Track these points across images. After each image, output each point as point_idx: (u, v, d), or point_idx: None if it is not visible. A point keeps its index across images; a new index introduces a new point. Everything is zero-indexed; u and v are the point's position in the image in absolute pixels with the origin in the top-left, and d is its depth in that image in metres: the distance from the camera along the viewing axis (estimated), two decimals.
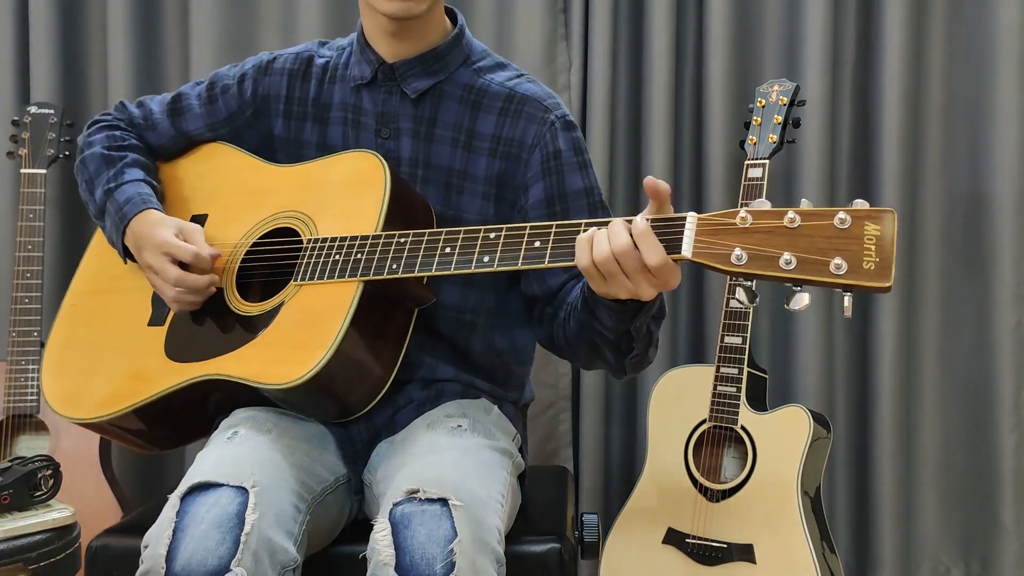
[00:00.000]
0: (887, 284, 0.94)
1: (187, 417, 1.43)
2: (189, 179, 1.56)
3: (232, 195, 1.49)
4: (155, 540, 1.12)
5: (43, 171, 2.15)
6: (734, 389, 1.88)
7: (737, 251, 1.00)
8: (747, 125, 1.98)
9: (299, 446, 1.30)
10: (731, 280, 1.89)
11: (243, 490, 1.13)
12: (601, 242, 1.09)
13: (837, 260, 0.96)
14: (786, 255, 0.98)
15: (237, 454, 1.22)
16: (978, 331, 2.23)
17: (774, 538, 1.80)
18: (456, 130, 1.42)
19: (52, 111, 2.19)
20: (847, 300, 0.99)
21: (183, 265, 1.37)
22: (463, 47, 1.44)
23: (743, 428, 1.87)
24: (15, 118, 2.19)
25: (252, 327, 1.32)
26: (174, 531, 1.10)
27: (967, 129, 2.23)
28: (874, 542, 2.21)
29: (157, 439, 1.48)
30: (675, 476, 1.91)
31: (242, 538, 1.09)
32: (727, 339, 1.90)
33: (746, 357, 1.88)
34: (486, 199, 1.41)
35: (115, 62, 2.26)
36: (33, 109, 2.18)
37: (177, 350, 1.38)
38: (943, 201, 2.25)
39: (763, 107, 1.96)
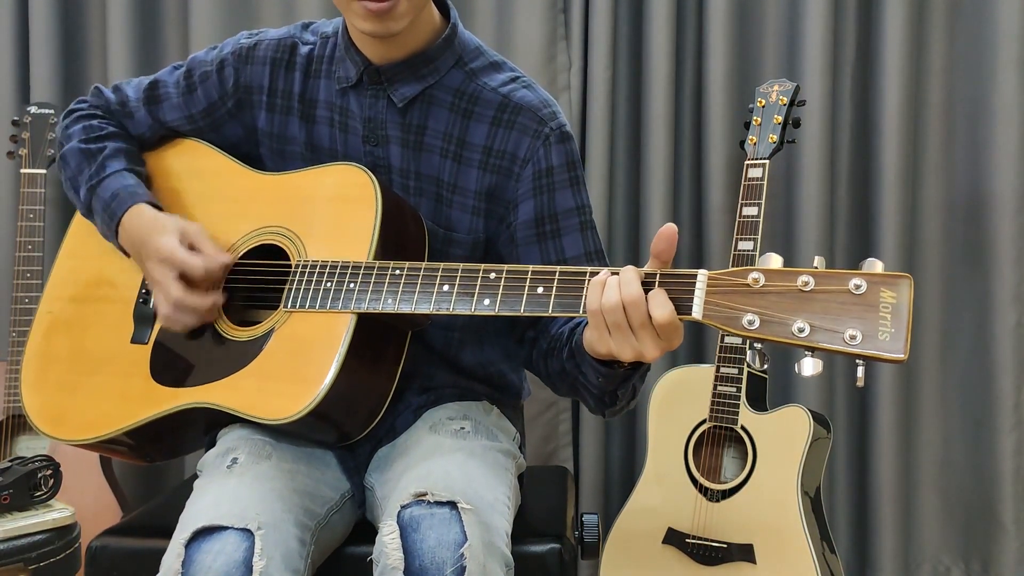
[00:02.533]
0: (901, 357, 0.91)
1: (177, 437, 1.41)
2: (168, 179, 1.49)
3: (214, 203, 1.42)
4: None
5: (43, 171, 2.15)
6: (734, 389, 1.88)
7: (749, 316, 0.97)
8: (747, 125, 1.98)
9: (300, 469, 1.27)
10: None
11: (248, 533, 1.09)
12: (611, 288, 1.05)
13: (851, 330, 0.93)
14: (799, 322, 0.95)
15: (238, 489, 1.17)
16: (978, 331, 2.24)
17: (774, 538, 1.80)
18: (446, 139, 1.35)
19: (52, 111, 2.19)
20: (860, 371, 0.95)
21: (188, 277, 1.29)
22: (455, 47, 1.36)
23: (743, 428, 1.87)
24: (15, 118, 2.19)
25: (242, 354, 1.27)
26: None
27: (967, 129, 2.23)
28: (874, 542, 2.21)
29: (147, 455, 1.46)
30: (675, 476, 1.91)
31: None
32: (727, 339, 1.90)
33: (746, 357, 1.88)
34: (476, 214, 1.36)
35: (115, 62, 2.26)
36: (33, 109, 2.18)
37: (164, 373, 1.33)
38: (943, 201, 2.25)
39: (763, 107, 1.96)
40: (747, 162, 1.94)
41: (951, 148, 2.25)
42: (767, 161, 1.92)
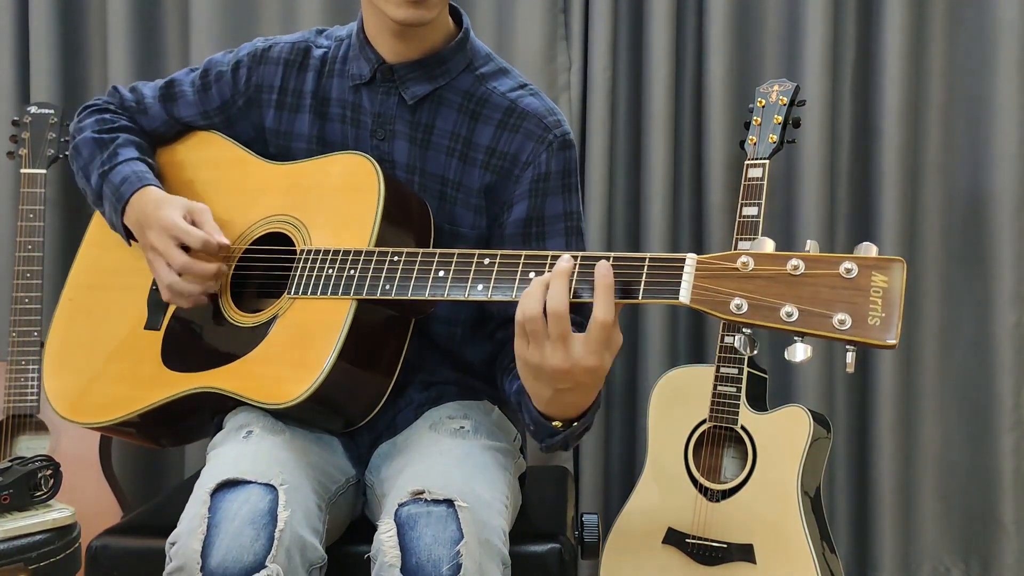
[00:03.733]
0: (892, 342, 0.89)
1: (186, 421, 1.43)
2: (182, 169, 1.52)
3: (225, 192, 1.46)
4: (187, 536, 1.10)
5: (43, 171, 2.15)
6: (734, 389, 1.88)
7: (737, 300, 0.96)
8: (747, 125, 1.98)
9: (311, 448, 1.29)
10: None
11: (272, 488, 1.12)
12: (530, 297, 1.04)
13: (841, 315, 0.91)
14: (788, 307, 0.94)
15: (256, 453, 1.20)
16: (978, 331, 2.24)
17: (774, 538, 1.80)
18: (453, 139, 1.38)
19: (52, 111, 2.18)
20: (850, 356, 0.94)
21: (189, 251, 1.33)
22: (467, 51, 1.39)
23: (743, 428, 1.87)
24: (15, 118, 2.19)
25: (247, 340, 1.30)
26: (207, 527, 1.09)
27: (967, 129, 2.23)
28: (874, 542, 2.21)
29: (157, 438, 1.49)
30: (675, 476, 1.91)
31: (276, 535, 1.08)
32: (727, 339, 1.90)
33: (746, 357, 1.88)
34: (478, 212, 1.38)
35: (115, 62, 2.26)
36: (33, 109, 2.18)
37: (174, 358, 1.37)
38: (943, 201, 2.25)
39: (763, 107, 1.96)
40: (747, 162, 1.94)
41: (951, 148, 2.25)
42: (767, 161, 1.92)
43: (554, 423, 1.15)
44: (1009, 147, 2.16)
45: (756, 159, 1.94)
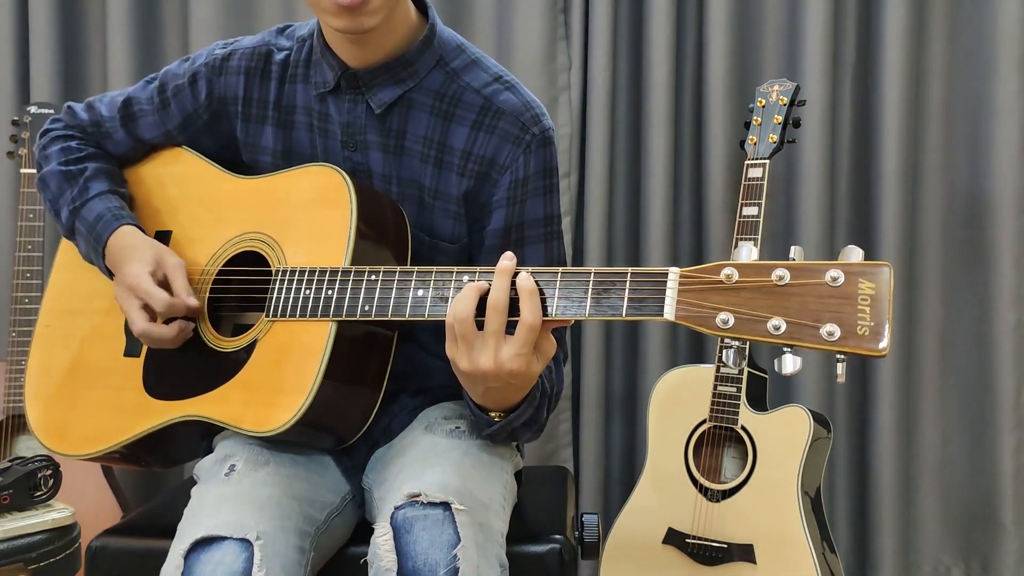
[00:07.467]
0: (881, 352, 0.88)
1: (174, 448, 1.41)
2: (152, 187, 1.49)
3: (196, 209, 1.42)
4: None
5: None
6: (734, 389, 1.88)
7: (723, 314, 0.94)
8: (747, 125, 1.98)
9: (299, 474, 1.26)
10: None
11: (247, 543, 1.08)
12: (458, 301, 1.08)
13: (829, 326, 0.89)
14: (775, 320, 0.92)
15: (236, 496, 1.16)
16: (978, 331, 2.24)
17: (774, 538, 1.80)
18: (426, 144, 1.33)
19: (52, 111, 2.18)
20: (840, 367, 0.93)
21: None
22: (435, 48, 1.32)
23: (743, 428, 1.87)
24: (15, 118, 2.19)
25: (228, 365, 1.27)
26: None
27: (967, 129, 2.23)
28: (874, 542, 2.21)
29: (147, 464, 1.47)
30: (675, 476, 1.91)
31: None
32: (727, 339, 1.90)
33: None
34: (458, 219, 1.34)
35: (115, 61, 2.26)
36: (33, 109, 2.18)
37: (156, 386, 1.34)
38: (943, 201, 2.25)
39: (763, 107, 1.95)
40: (747, 162, 1.94)
41: (951, 148, 2.25)
42: (767, 161, 1.92)
43: (491, 414, 1.21)
44: (1009, 147, 2.16)
45: (756, 159, 1.94)
